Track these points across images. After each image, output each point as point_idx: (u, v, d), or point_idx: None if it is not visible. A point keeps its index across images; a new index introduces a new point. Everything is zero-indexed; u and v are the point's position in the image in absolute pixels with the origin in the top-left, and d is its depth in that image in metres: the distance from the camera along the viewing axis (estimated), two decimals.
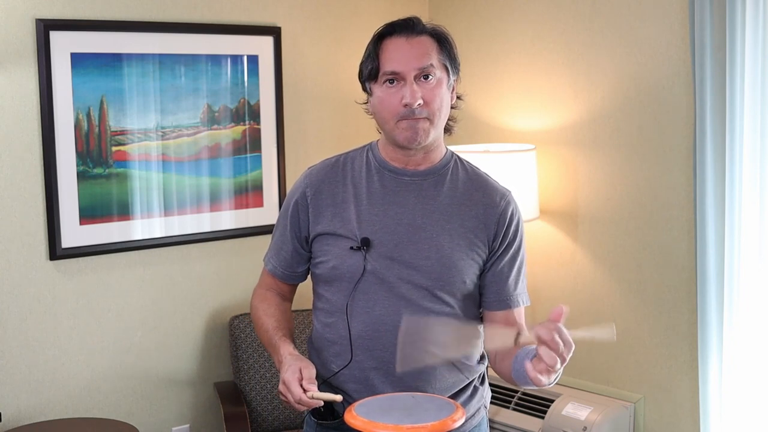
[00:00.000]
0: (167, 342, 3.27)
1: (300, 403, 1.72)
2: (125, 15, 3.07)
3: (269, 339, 1.92)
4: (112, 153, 3.07)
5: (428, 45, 1.81)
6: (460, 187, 1.89)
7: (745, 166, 2.72)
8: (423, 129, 1.79)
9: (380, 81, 1.81)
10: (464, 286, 1.85)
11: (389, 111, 1.80)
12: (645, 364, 3.18)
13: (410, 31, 1.81)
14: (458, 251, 1.84)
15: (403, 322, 1.75)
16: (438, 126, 1.83)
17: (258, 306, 2.00)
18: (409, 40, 1.80)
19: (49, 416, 3.01)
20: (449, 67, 1.83)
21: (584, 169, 3.31)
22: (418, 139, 1.80)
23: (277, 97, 3.42)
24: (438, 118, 1.81)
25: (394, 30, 1.82)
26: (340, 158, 1.95)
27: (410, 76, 1.78)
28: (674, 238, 3.05)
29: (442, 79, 1.81)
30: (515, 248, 1.91)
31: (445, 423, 1.54)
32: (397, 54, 1.79)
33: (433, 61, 1.80)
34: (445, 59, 1.82)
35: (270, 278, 2.03)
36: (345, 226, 1.86)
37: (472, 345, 1.92)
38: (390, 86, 1.79)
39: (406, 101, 1.76)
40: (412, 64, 1.78)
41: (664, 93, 3.03)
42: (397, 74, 1.78)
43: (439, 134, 1.86)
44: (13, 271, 2.92)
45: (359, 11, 3.63)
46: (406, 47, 1.80)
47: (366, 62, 1.84)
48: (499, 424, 3.29)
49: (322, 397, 1.72)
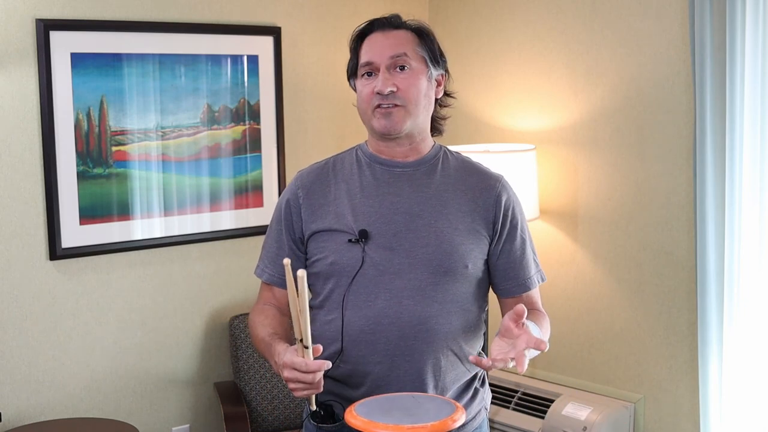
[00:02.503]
0: (167, 342, 3.27)
1: (309, 371, 1.64)
2: (125, 15, 3.07)
3: (265, 346, 1.88)
4: (112, 153, 3.07)
5: (404, 37, 1.86)
6: (452, 174, 1.91)
7: (745, 166, 2.72)
8: (397, 116, 1.82)
9: (359, 75, 1.87)
10: (466, 271, 1.85)
11: (365, 101, 1.85)
12: (645, 364, 3.18)
13: (388, 26, 1.87)
14: (458, 236, 1.85)
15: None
16: (415, 115, 1.85)
17: (255, 319, 1.96)
18: (385, 34, 1.86)
19: (49, 416, 3.01)
20: (428, 60, 1.86)
21: (584, 169, 3.31)
22: (393, 125, 1.83)
23: (277, 97, 3.42)
24: (414, 106, 1.84)
25: (372, 27, 1.88)
26: (329, 160, 1.98)
27: (383, 65, 1.83)
28: (674, 238, 3.05)
29: (419, 69, 1.85)
30: (520, 229, 1.93)
31: (445, 423, 1.54)
32: (372, 46, 1.86)
33: (407, 50, 1.84)
34: (423, 51, 1.86)
35: (268, 291, 1.99)
36: (340, 221, 1.86)
37: (476, 337, 1.92)
38: (367, 78, 1.85)
39: (378, 89, 1.81)
40: (385, 53, 1.83)
41: (664, 93, 3.03)
42: (371, 64, 1.83)
43: (420, 125, 1.88)
44: (13, 271, 2.92)
45: (359, 11, 3.63)
46: (380, 39, 1.86)
47: (350, 60, 1.91)
48: (499, 424, 3.29)
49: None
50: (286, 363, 1.68)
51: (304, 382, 1.67)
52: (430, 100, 1.88)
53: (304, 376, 1.66)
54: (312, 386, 1.68)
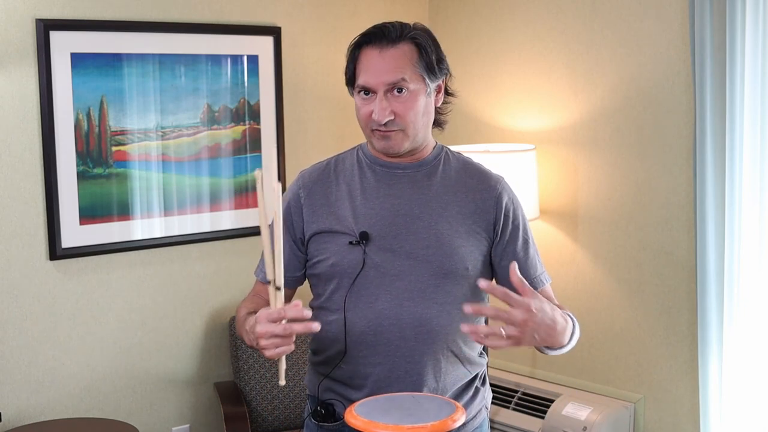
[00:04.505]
0: (167, 342, 3.27)
1: (283, 318, 1.58)
2: (125, 15, 3.07)
3: (243, 322, 1.78)
4: (112, 153, 3.07)
5: (402, 56, 1.79)
6: (453, 176, 1.91)
7: (745, 166, 2.72)
8: (396, 140, 1.82)
9: (356, 90, 1.84)
10: (466, 273, 1.85)
11: (363, 121, 1.84)
12: (645, 364, 3.18)
13: (385, 42, 1.80)
14: (458, 237, 1.85)
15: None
16: (414, 135, 1.83)
17: (240, 307, 1.92)
18: (382, 53, 1.79)
19: (49, 416, 3.01)
20: (426, 76, 1.81)
21: (584, 169, 3.31)
22: (393, 148, 1.83)
23: (277, 97, 3.42)
24: (413, 128, 1.82)
25: (369, 40, 1.82)
26: (331, 160, 1.97)
27: (381, 91, 1.79)
28: (674, 238, 3.05)
29: (418, 90, 1.80)
30: (522, 230, 1.93)
31: (445, 423, 1.54)
32: (369, 66, 1.80)
33: (406, 74, 1.78)
34: (422, 69, 1.81)
35: (261, 286, 1.97)
36: (341, 223, 1.86)
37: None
38: (365, 97, 1.82)
39: (375, 118, 1.79)
40: (382, 79, 1.78)
41: (664, 93, 3.03)
42: (369, 89, 1.80)
43: (420, 140, 1.86)
44: (13, 271, 2.92)
45: (359, 11, 3.63)
46: (377, 60, 1.79)
47: (346, 67, 1.87)
48: (499, 424, 3.29)
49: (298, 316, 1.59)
50: (259, 318, 1.62)
51: (277, 335, 1.60)
52: (429, 115, 1.87)
53: (275, 326, 1.59)
54: (284, 341, 1.61)
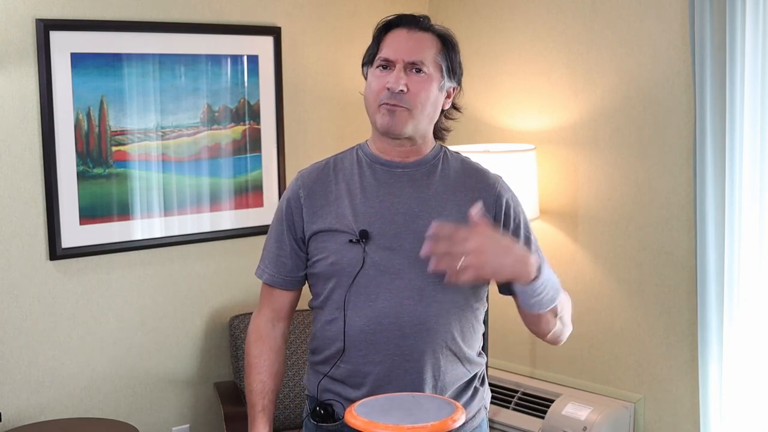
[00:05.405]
0: (167, 342, 3.27)
1: None
2: (125, 15, 3.07)
3: (251, 405, 1.96)
4: (112, 153, 3.07)
5: (428, 42, 1.85)
6: (452, 175, 1.92)
7: (745, 166, 2.72)
8: (401, 117, 1.82)
9: (374, 65, 1.86)
10: None
11: (374, 93, 1.85)
12: (645, 364, 3.18)
13: (415, 26, 1.86)
14: None
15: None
16: (418, 119, 1.84)
17: (251, 352, 1.97)
18: (410, 33, 1.85)
19: (49, 416, 3.01)
20: (444, 70, 1.85)
21: (584, 169, 3.31)
22: (395, 125, 1.83)
23: (277, 97, 3.42)
24: (419, 111, 1.83)
25: (400, 22, 1.87)
26: (330, 160, 1.98)
27: (400, 64, 1.82)
28: (674, 238, 3.05)
29: (433, 77, 1.84)
30: (524, 228, 1.93)
31: (445, 423, 1.54)
32: (395, 43, 1.85)
33: (427, 57, 1.83)
34: (442, 60, 1.85)
35: (268, 294, 1.99)
36: (341, 221, 1.86)
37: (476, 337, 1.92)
38: (382, 71, 1.85)
39: (390, 85, 1.81)
40: (404, 55, 1.82)
41: (664, 93, 3.03)
42: (390, 61, 1.83)
43: (421, 130, 1.87)
44: (13, 271, 2.92)
45: (359, 11, 3.63)
46: (405, 38, 1.84)
47: (369, 48, 1.90)
48: (499, 424, 3.29)
49: None
50: None
51: None
52: (436, 109, 1.88)
53: None
54: None
